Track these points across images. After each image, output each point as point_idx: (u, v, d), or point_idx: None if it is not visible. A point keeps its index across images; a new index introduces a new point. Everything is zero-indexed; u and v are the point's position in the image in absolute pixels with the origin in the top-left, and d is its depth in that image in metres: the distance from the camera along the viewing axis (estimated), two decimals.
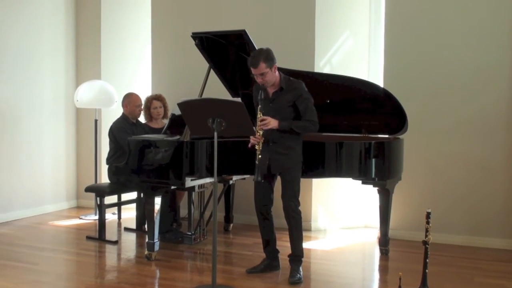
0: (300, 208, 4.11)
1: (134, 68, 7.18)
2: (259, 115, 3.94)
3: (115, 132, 5.32)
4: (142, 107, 5.56)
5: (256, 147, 3.94)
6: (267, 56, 3.92)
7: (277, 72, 4.03)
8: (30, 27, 6.33)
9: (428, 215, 3.73)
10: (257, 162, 3.92)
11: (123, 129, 5.29)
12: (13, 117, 6.17)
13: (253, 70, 3.96)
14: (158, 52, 6.55)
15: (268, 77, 3.95)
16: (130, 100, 5.46)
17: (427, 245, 3.75)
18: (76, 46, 7.02)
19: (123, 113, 5.49)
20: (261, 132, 3.93)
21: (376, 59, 5.93)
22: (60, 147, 6.84)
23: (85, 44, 6.99)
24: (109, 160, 5.36)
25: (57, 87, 6.76)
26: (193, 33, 4.78)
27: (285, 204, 4.08)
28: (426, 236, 3.73)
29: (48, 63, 6.61)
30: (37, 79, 6.45)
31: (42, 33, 6.51)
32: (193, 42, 4.81)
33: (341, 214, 5.95)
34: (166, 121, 5.56)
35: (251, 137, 3.97)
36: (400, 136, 4.88)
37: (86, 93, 6.19)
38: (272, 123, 3.94)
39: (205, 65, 4.96)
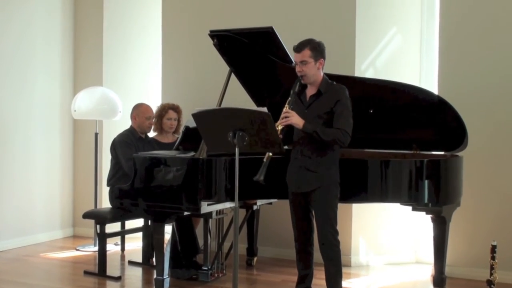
0: (339, 238, 4.09)
1: (142, 73, 7.25)
2: (286, 108, 4.00)
3: (117, 146, 5.37)
4: (154, 118, 5.62)
5: None
6: (316, 46, 4.07)
7: (321, 72, 4.11)
8: (22, 26, 6.45)
9: (493, 248, 3.68)
10: (264, 160, 3.91)
11: (126, 144, 5.35)
12: None
13: (295, 56, 4.09)
14: (170, 54, 6.61)
15: (308, 69, 4.04)
16: (139, 111, 5.53)
17: (492, 285, 3.70)
18: (74, 46, 7.12)
19: (130, 126, 5.57)
20: (280, 128, 3.94)
21: (429, 61, 5.90)
22: (54, 165, 6.93)
23: (84, 44, 7.10)
24: (110, 182, 5.41)
25: (51, 94, 6.86)
26: (211, 31, 4.82)
27: (319, 233, 4.07)
28: (491, 274, 3.68)
29: (41, 66, 6.72)
30: (27, 84, 6.56)
31: (35, 31, 6.63)
32: (210, 42, 4.85)
33: (387, 247, 5.89)
34: (177, 136, 5.60)
35: None
36: (459, 154, 4.84)
37: (85, 102, 6.27)
38: (295, 119, 3.97)
39: (225, 69, 4.99)
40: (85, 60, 7.09)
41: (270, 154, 3.91)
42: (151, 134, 5.74)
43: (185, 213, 4.54)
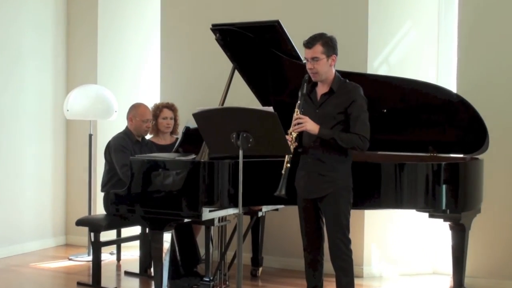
0: (351, 247, 4.10)
1: (139, 70, 7.26)
2: (296, 113, 3.99)
3: (111, 150, 5.36)
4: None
5: None
6: (328, 40, 4.05)
7: (333, 69, 4.11)
8: (9, 18, 6.45)
9: None
10: (283, 171, 3.93)
11: (121, 148, 5.33)
12: None
13: (305, 52, 4.06)
14: (169, 50, 6.62)
15: (320, 66, 4.02)
16: (136, 112, 5.50)
17: None
18: (67, 41, 7.14)
19: (126, 127, 5.55)
20: (294, 135, 3.95)
21: (447, 57, 5.88)
22: (45, 169, 6.93)
23: (78, 38, 7.11)
24: (104, 188, 5.41)
25: (43, 93, 6.87)
26: (213, 26, 4.82)
27: (330, 242, 4.07)
28: None
29: (32, 63, 6.73)
30: (18, 82, 6.57)
31: (24, 25, 6.63)
32: (212, 36, 4.85)
33: (402, 257, 5.88)
34: (175, 137, 5.60)
35: None
36: (479, 156, 4.82)
37: (79, 101, 6.27)
38: (309, 125, 3.97)
39: (228, 66, 4.98)
40: (78, 56, 7.09)
41: (288, 165, 3.92)
42: (147, 136, 5.74)
43: (185, 220, 4.54)
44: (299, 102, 4.04)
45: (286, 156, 3.93)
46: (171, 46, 6.61)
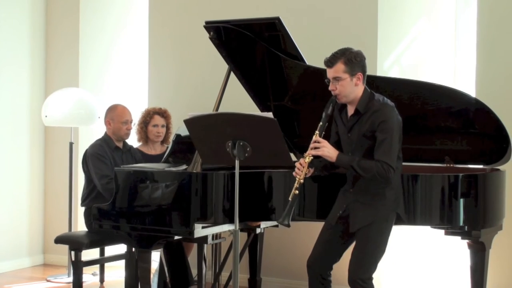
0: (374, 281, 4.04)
1: (124, 72, 7.27)
2: (316, 135, 3.86)
3: (88, 160, 5.37)
4: (137, 123, 5.61)
5: (297, 177, 3.86)
6: (352, 57, 3.88)
7: (361, 88, 3.97)
8: None
9: None
10: (290, 198, 3.85)
11: (98, 157, 5.32)
12: None
13: (327, 72, 3.92)
14: (158, 49, 6.63)
15: (343, 87, 3.88)
16: (114, 114, 5.49)
17: None
18: (45, 41, 7.15)
19: (105, 133, 5.54)
20: (308, 159, 3.85)
21: (466, 57, 5.90)
22: (21, 181, 6.94)
23: (57, 38, 7.12)
24: (84, 202, 5.42)
25: (18, 96, 6.89)
26: (207, 23, 4.84)
27: (352, 274, 3.96)
28: None
29: (6, 64, 6.76)
30: None
31: None
32: (205, 35, 4.87)
33: (415, 278, 5.89)
34: (166, 146, 5.60)
35: (297, 163, 3.91)
36: (501, 167, 4.83)
37: (59, 106, 6.29)
38: (327, 150, 3.85)
39: (223, 67, 5.00)
40: (58, 56, 7.11)
41: (297, 192, 3.84)
42: (136, 144, 5.74)
43: (176, 237, 4.54)
44: (321, 123, 3.91)
45: (296, 183, 3.85)
46: (160, 45, 6.62)
